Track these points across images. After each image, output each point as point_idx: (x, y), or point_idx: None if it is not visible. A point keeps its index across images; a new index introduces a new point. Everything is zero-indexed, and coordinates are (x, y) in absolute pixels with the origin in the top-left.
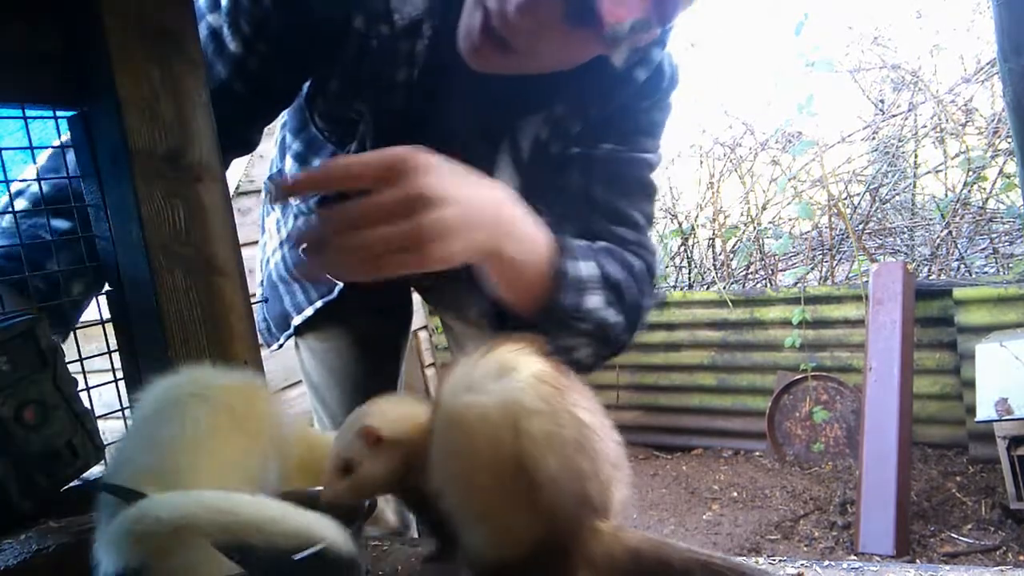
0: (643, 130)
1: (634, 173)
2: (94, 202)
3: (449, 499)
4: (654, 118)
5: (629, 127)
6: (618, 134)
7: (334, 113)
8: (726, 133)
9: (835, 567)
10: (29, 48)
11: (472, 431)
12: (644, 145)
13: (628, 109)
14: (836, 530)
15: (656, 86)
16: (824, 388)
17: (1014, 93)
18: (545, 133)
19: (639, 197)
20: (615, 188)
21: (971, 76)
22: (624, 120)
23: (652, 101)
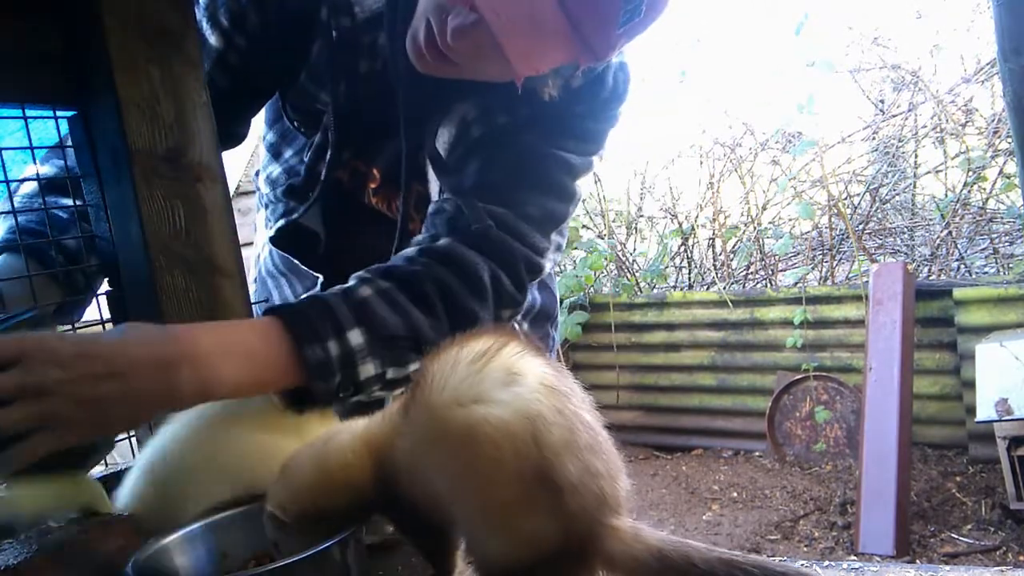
0: (571, 133)
1: (544, 169)
2: (94, 202)
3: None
4: (587, 125)
5: (555, 127)
6: (542, 131)
7: (303, 105)
8: (726, 133)
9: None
10: (29, 48)
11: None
12: (567, 146)
13: (558, 111)
14: (836, 530)
15: (593, 94)
16: (824, 388)
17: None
18: (472, 115)
19: (545, 193)
20: (520, 177)
21: (971, 76)
22: (552, 120)
23: (587, 108)
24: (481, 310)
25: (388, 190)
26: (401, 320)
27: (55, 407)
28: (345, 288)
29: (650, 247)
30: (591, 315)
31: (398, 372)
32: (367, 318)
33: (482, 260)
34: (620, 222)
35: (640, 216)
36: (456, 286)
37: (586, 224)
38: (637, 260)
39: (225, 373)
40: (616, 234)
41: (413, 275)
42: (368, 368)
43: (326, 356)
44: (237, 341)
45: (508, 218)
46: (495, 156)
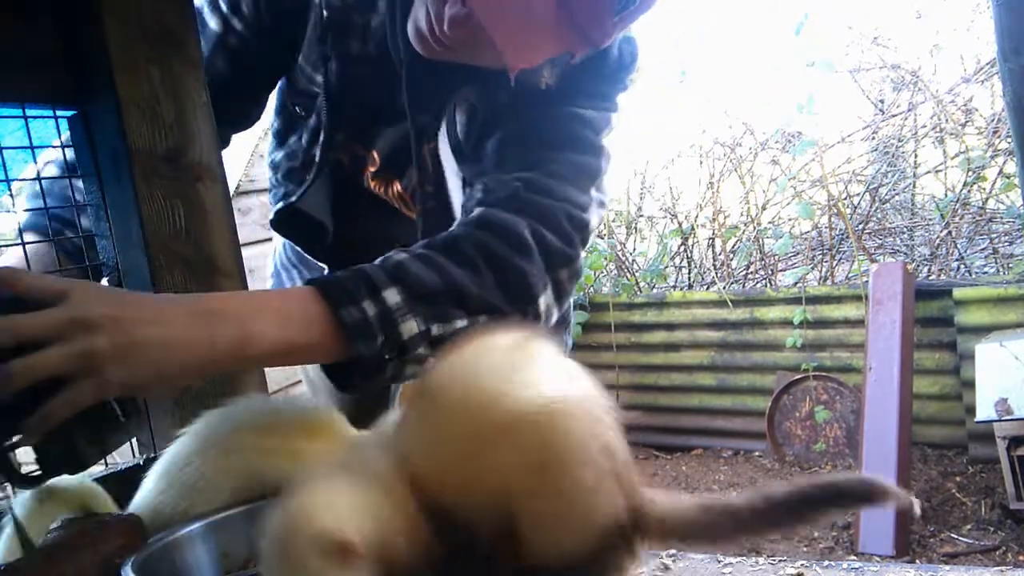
0: (580, 92)
1: (559, 126)
2: (94, 202)
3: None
4: (594, 87)
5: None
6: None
7: (300, 88)
8: (726, 133)
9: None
10: (29, 48)
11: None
12: (578, 102)
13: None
14: (836, 530)
15: (595, 68)
16: (824, 388)
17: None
18: (475, 98)
19: (567, 148)
20: (538, 142)
21: (971, 76)
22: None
23: (591, 75)
24: (529, 266)
25: (387, 174)
26: (439, 276)
27: (100, 346)
28: (382, 257)
29: (650, 247)
30: (591, 315)
31: (443, 328)
32: (402, 277)
33: (520, 219)
34: (620, 222)
35: (640, 216)
36: (496, 244)
37: None
38: (637, 260)
39: (258, 330)
40: (616, 234)
41: (450, 238)
42: (411, 326)
43: (363, 316)
44: (271, 303)
45: (536, 179)
46: (508, 131)
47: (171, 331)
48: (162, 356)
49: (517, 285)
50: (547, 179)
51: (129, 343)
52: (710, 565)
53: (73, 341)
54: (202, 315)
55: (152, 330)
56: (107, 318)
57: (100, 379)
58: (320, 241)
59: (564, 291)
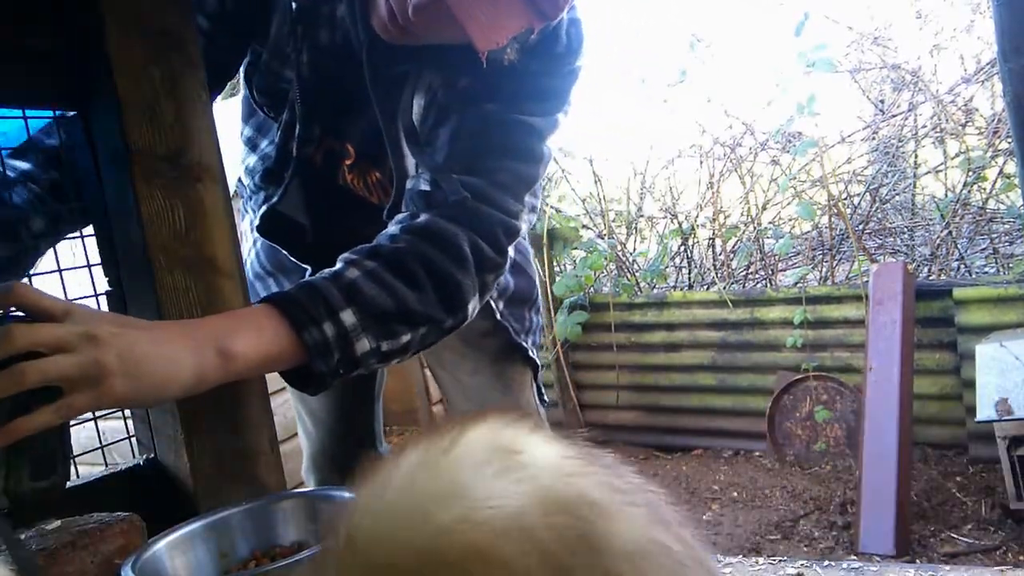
0: (530, 95)
1: (509, 134)
2: (94, 202)
3: None
4: (543, 83)
5: (514, 89)
6: (502, 96)
7: (268, 87)
8: (726, 133)
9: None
10: (29, 48)
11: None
12: (528, 109)
13: (515, 70)
14: (836, 530)
15: (547, 50)
16: (824, 388)
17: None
18: (437, 82)
19: (513, 156)
20: (486, 144)
21: (971, 76)
22: (510, 81)
23: (542, 64)
24: (464, 277)
25: (364, 164)
26: (389, 297)
27: (107, 359)
28: (334, 271)
29: (650, 247)
30: (591, 315)
31: (392, 344)
32: (357, 298)
33: (460, 231)
34: (620, 222)
35: (640, 216)
36: (438, 258)
37: (586, 224)
38: (637, 260)
39: (239, 347)
40: (616, 234)
41: (397, 252)
42: (364, 344)
43: (323, 338)
44: (243, 319)
45: (481, 187)
46: (461, 128)
47: (168, 350)
48: (163, 371)
49: (454, 296)
50: (491, 188)
51: (133, 359)
52: None
53: (83, 352)
54: (190, 336)
55: (152, 348)
56: (112, 334)
57: (102, 390)
58: (301, 241)
59: (488, 290)
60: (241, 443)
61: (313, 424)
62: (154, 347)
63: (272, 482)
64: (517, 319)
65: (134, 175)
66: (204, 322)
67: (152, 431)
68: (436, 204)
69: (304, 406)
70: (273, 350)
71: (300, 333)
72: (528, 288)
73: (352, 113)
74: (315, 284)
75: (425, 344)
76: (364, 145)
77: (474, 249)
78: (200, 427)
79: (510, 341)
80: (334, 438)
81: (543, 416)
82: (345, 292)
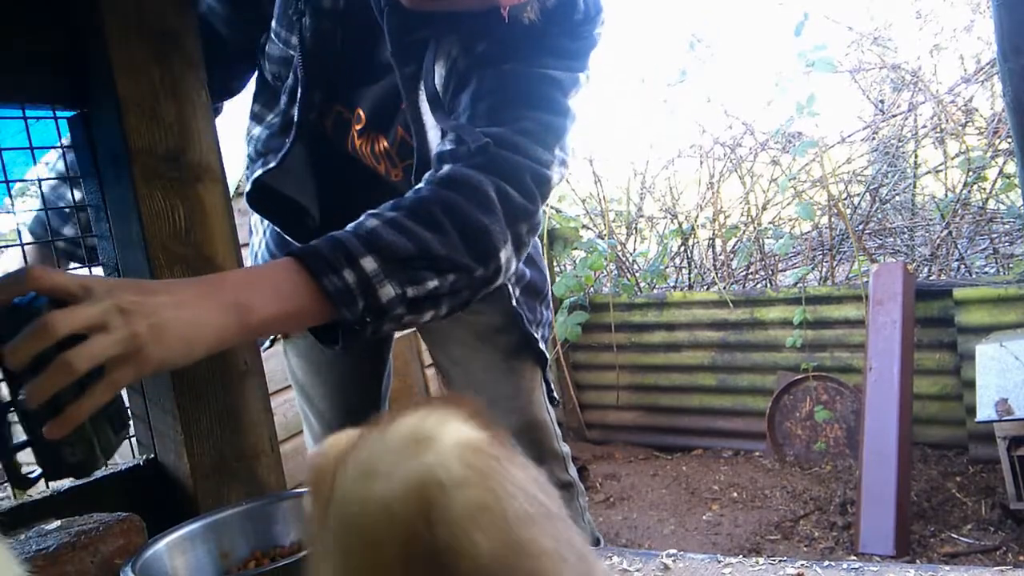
0: (549, 51)
1: (531, 85)
2: (94, 202)
3: None
4: (563, 43)
5: (533, 48)
6: (520, 54)
7: (278, 54)
8: (726, 133)
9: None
10: (29, 48)
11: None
12: (548, 63)
13: (534, 32)
14: (836, 530)
15: (565, 16)
16: (824, 388)
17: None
18: (456, 50)
19: (536, 107)
20: (509, 99)
21: (971, 76)
22: (529, 41)
23: (561, 28)
24: (491, 223)
25: (374, 131)
26: (410, 241)
27: (139, 328)
28: (355, 223)
29: (650, 247)
30: (591, 315)
31: (417, 290)
32: (377, 244)
33: (484, 176)
34: (620, 222)
35: (640, 216)
36: (461, 203)
37: (586, 224)
38: (637, 260)
39: (257, 303)
40: (616, 234)
41: (418, 200)
42: (388, 290)
43: (344, 284)
44: (261, 277)
45: (505, 135)
46: (481, 85)
47: (191, 310)
48: (190, 333)
49: (481, 242)
50: (516, 136)
51: (162, 323)
52: (710, 565)
53: (116, 328)
54: (209, 293)
55: (177, 311)
56: (138, 304)
57: (140, 360)
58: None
59: (523, 244)
60: (241, 443)
61: (320, 425)
62: (177, 311)
63: (272, 482)
64: (531, 309)
65: (134, 175)
66: (223, 279)
67: (152, 431)
68: (460, 157)
69: (311, 407)
70: (293, 302)
71: (320, 281)
72: (541, 281)
73: (364, 78)
74: (335, 235)
75: (457, 295)
76: (375, 112)
77: (500, 195)
78: (200, 427)
79: (523, 332)
80: None
81: (552, 415)
82: (365, 239)
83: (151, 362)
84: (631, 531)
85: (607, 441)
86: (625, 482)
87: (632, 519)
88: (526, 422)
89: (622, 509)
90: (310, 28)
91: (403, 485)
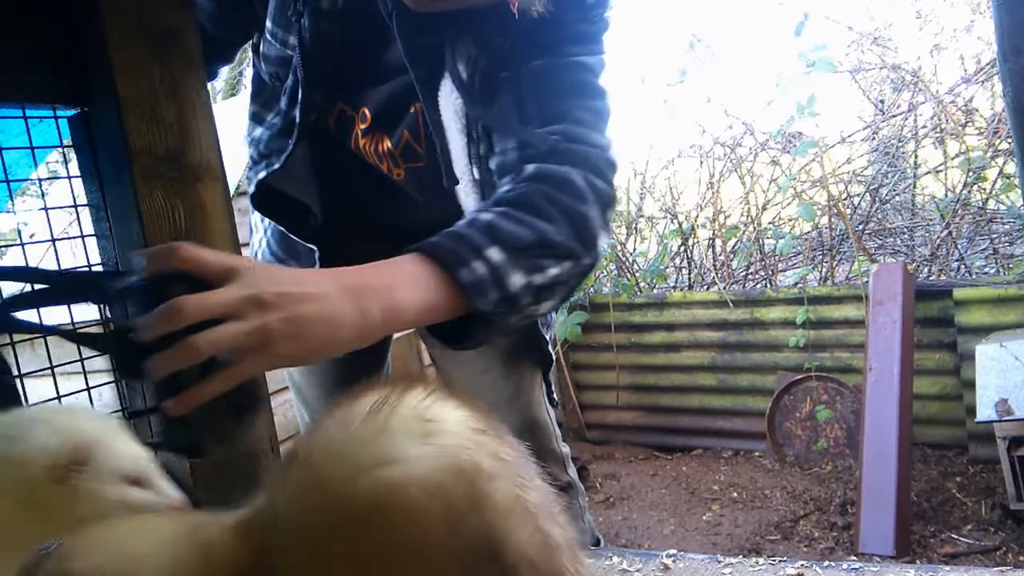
0: (570, 39)
1: (568, 76)
2: (94, 202)
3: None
4: (582, 28)
5: (553, 38)
6: (544, 47)
7: (274, 55)
8: (726, 133)
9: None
10: (29, 48)
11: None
12: (574, 51)
13: (551, 22)
14: (836, 530)
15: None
16: (824, 388)
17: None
18: (474, 51)
19: (580, 95)
20: (550, 94)
21: (971, 76)
22: (547, 32)
23: (574, 14)
24: (589, 210)
25: (378, 131)
26: (528, 230)
27: (272, 323)
28: (466, 220)
29: (650, 247)
30: (591, 315)
31: (542, 278)
32: (498, 235)
33: (570, 169)
34: (620, 222)
35: (640, 216)
36: (560, 195)
37: None
38: (637, 260)
39: (403, 298)
40: (616, 234)
41: (520, 195)
42: (516, 279)
43: (476, 276)
44: (402, 271)
45: (567, 130)
46: (519, 88)
47: (331, 307)
48: (325, 332)
49: (585, 229)
50: (575, 128)
51: (297, 319)
52: (710, 565)
53: (249, 318)
54: (352, 290)
55: (315, 306)
56: (277, 296)
57: (269, 353)
58: (302, 220)
59: (610, 230)
60: (241, 443)
61: (311, 418)
62: (319, 306)
63: None
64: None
65: (134, 175)
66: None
67: (152, 431)
68: (533, 158)
69: (307, 410)
70: (432, 298)
71: (455, 274)
72: None
73: (370, 79)
74: (454, 230)
75: (569, 283)
76: (380, 112)
77: (589, 184)
78: None
79: (527, 333)
80: None
81: (552, 415)
82: (485, 232)
83: (281, 357)
84: (631, 531)
85: (607, 441)
86: (625, 482)
87: (632, 519)
88: (526, 422)
89: (622, 509)
90: (309, 29)
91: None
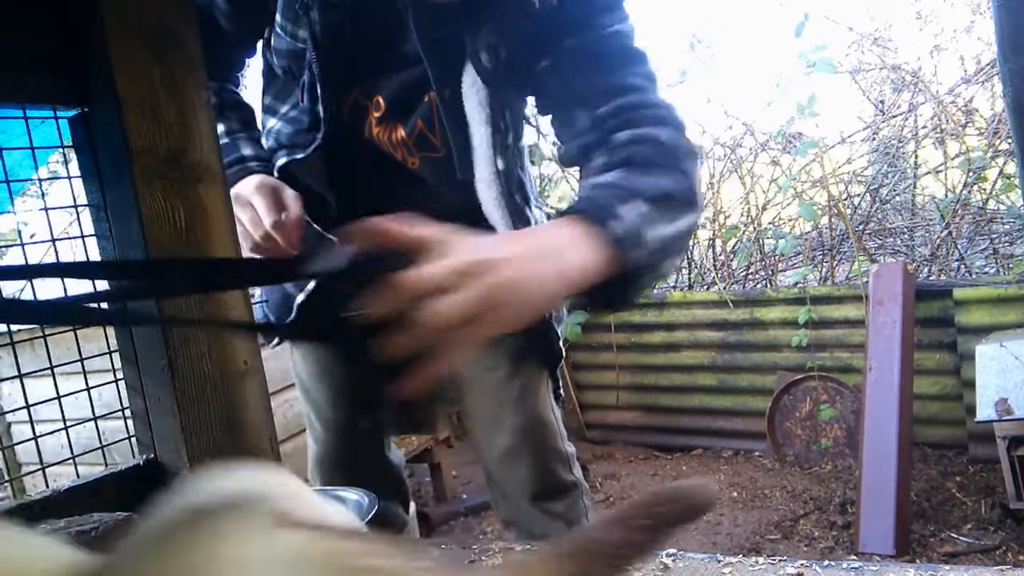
0: (597, 10)
1: (609, 47)
2: (95, 202)
3: None
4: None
5: (580, 14)
6: (576, 25)
7: (285, 48)
8: (726, 133)
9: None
10: (29, 48)
11: None
12: (604, 22)
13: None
14: (836, 530)
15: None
16: (824, 388)
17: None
18: (495, 40)
19: (628, 63)
20: (597, 69)
21: (971, 77)
22: (572, 8)
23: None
24: (687, 165)
25: (393, 119)
26: (656, 182)
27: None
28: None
29: None
30: (591, 315)
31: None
32: (633, 190)
33: (653, 129)
34: None
35: None
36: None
37: None
38: None
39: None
40: None
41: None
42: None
43: (625, 228)
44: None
45: (633, 99)
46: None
47: (532, 266)
48: (538, 289)
49: (691, 184)
50: (635, 95)
51: (515, 280)
52: (710, 565)
53: (464, 288)
54: (540, 250)
55: (527, 266)
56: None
57: (496, 317)
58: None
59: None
60: (241, 443)
61: (321, 426)
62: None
63: None
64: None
65: (134, 175)
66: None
67: (152, 431)
68: (615, 129)
69: (313, 408)
70: (596, 256)
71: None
72: None
73: (384, 68)
74: (587, 193)
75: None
76: (395, 101)
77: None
78: (200, 427)
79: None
80: (342, 438)
81: (558, 414)
82: (615, 189)
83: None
84: None
85: (607, 441)
86: (625, 482)
87: None
88: (531, 421)
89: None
90: (319, 22)
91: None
